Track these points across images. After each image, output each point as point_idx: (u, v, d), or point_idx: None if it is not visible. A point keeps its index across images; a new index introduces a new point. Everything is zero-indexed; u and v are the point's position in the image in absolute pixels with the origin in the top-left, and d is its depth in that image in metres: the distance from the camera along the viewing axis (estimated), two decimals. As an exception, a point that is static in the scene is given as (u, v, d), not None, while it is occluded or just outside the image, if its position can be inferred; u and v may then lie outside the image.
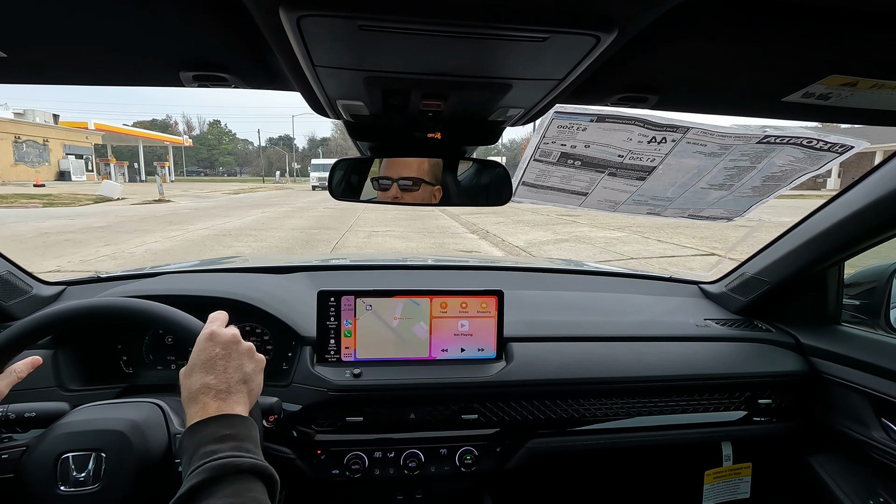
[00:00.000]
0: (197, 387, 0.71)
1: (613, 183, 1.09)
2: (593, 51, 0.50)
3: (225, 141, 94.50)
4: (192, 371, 0.73)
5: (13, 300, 1.23)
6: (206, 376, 0.72)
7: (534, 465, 1.23)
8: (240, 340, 0.79)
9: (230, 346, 0.76)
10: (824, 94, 0.71)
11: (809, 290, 1.44)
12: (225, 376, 0.73)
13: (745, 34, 0.56)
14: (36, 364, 0.84)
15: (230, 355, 0.75)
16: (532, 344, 1.28)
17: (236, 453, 0.64)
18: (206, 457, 0.63)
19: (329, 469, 1.13)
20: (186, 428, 0.68)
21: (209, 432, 0.66)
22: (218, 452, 0.63)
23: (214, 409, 0.69)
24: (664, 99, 0.76)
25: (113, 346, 1.22)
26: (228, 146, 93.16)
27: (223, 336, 0.77)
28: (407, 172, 0.99)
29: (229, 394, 0.72)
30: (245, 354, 0.78)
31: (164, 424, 0.84)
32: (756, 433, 1.32)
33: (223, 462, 0.62)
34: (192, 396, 0.71)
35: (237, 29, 0.56)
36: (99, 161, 39.35)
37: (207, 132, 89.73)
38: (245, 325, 1.26)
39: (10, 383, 0.79)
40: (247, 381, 0.76)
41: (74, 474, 0.76)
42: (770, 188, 1.12)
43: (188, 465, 0.64)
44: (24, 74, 0.73)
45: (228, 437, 0.66)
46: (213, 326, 0.79)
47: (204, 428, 0.67)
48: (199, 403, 0.70)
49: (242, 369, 0.76)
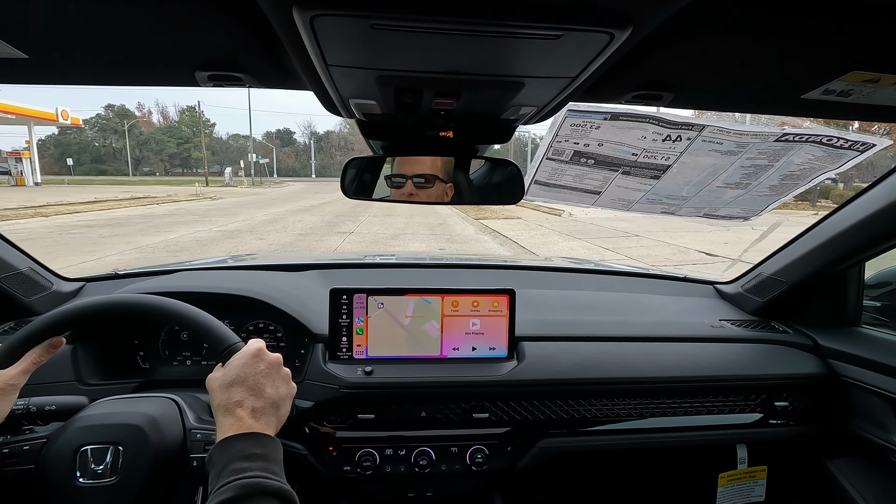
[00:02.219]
0: (235, 400, 0.73)
1: (627, 182, 1.08)
2: (607, 48, 0.50)
3: (204, 133, 72.29)
4: (231, 383, 0.75)
5: (34, 296, 1.26)
6: (247, 392, 0.74)
7: (545, 465, 1.22)
8: (281, 364, 0.81)
9: (273, 366, 0.79)
10: (845, 91, 0.70)
11: (828, 290, 1.41)
12: (263, 395, 0.75)
13: (765, 29, 0.55)
14: (58, 345, 0.83)
15: (271, 375, 0.78)
16: (544, 343, 1.28)
17: (264, 474, 0.66)
18: (235, 473, 0.64)
19: (341, 466, 1.14)
20: (218, 441, 0.70)
21: (240, 448, 0.68)
22: (247, 471, 0.65)
23: (248, 426, 0.71)
24: (679, 96, 0.75)
25: (130, 341, 1.24)
26: (204, 138, 70.30)
27: (269, 356, 0.79)
28: (421, 169, 1.00)
29: (263, 413, 0.74)
30: (283, 378, 0.80)
31: (179, 419, 0.86)
32: (772, 436, 1.30)
33: (252, 482, 0.64)
34: (228, 409, 0.72)
35: (251, 29, 0.57)
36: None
37: (180, 121, 72.75)
38: (259, 322, 1.27)
39: (25, 370, 0.78)
40: (280, 405, 0.78)
41: (93, 467, 0.78)
42: (788, 187, 1.10)
43: (217, 478, 0.65)
44: (44, 76, 0.74)
45: (258, 457, 0.67)
46: (260, 344, 0.81)
47: (236, 443, 0.68)
48: (234, 417, 0.72)
49: (278, 392, 0.78)
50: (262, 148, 74.39)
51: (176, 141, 76.20)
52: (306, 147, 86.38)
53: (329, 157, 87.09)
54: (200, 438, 0.84)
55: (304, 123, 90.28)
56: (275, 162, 70.05)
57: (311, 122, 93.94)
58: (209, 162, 68.41)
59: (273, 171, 66.68)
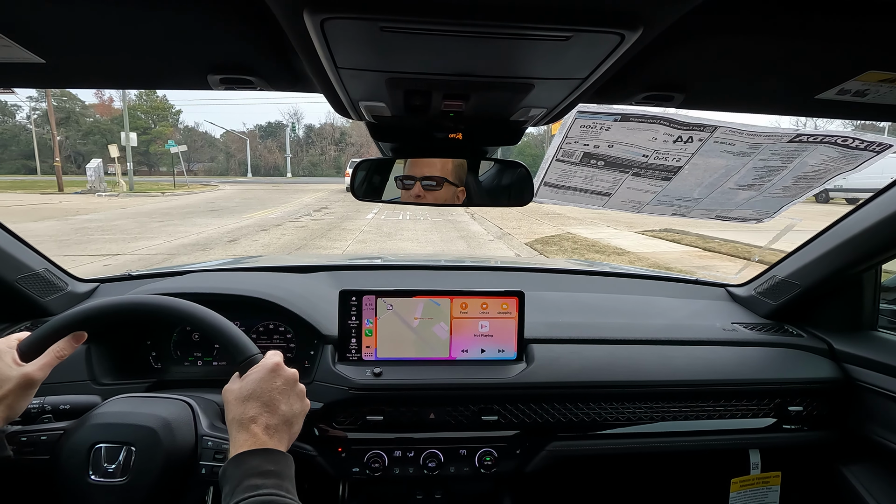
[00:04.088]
0: (250, 415, 0.74)
1: (637, 183, 1.07)
2: (617, 49, 0.50)
3: (167, 120, 57.58)
4: (247, 397, 0.75)
5: (50, 296, 1.28)
6: (262, 408, 0.75)
7: (554, 469, 1.21)
8: (297, 380, 0.82)
9: (289, 382, 0.79)
10: (861, 91, 0.69)
11: (844, 294, 1.39)
12: (278, 412, 0.76)
13: (778, 29, 0.54)
14: (81, 339, 0.85)
15: (287, 392, 0.78)
16: (553, 346, 1.27)
17: (278, 492, 0.66)
18: (249, 490, 0.65)
19: (350, 467, 1.14)
20: (233, 455, 0.70)
21: (254, 465, 0.69)
22: (261, 488, 0.66)
23: (262, 443, 0.72)
24: (691, 97, 0.74)
25: (142, 342, 1.26)
26: (164, 129, 55.25)
27: (285, 372, 0.80)
28: (430, 172, 1.00)
29: (277, 431, 0.75)
30: (298, 395, 0.81)
31: (192, 425, 0.86)
32: (786, 441, 1.28)
33: (266, 500, 0.64)
34: (243, 424, 0.73)
35: (262, 32, 0.57)
36: None
37: (136, 107, 53.46)
38: (269, 323, 1.28)
39: (48, 364, 0.79)
40: (293, 423, 0.78)
41: (105, 465, 0.79)
42: (802, 188, 1.08)
43: (231, 494, 0.66)
44: (59, 80, 0.76)
45: (272, 474, 0.68)
46: (277, 358, 0.81)
47: (250, 459, 0.69)
48: (249, 433, 0.72)
49: (292, 409, 0.78)
50: (237, 140, 59.11)
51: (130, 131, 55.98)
52: (300, 140, 65.45)
53: (321, 151, 65.83)
54: (211, 446, 0.84)
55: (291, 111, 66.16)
56: (248, 157, 56.73)
57: (297, 110, 68.10)
58: (167, 156, 50.69)
59: (247, 168, 55.63)
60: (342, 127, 64.37)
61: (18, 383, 0.75)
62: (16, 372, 0.76)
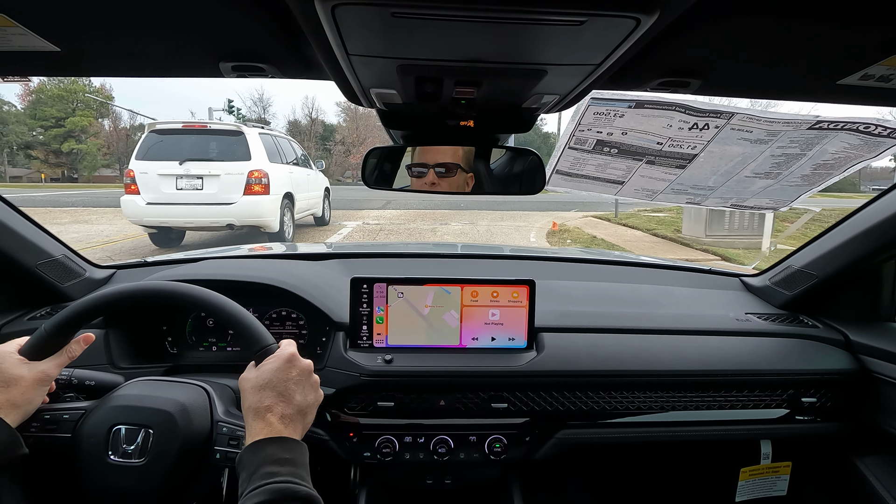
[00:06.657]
0: (266, 404, 0.75)
1: (651, 171, 1.06)
2: (632, 34, 0.49)
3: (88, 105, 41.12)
4: (263, 386, 0.77)
5: (68, 282, 1.31)
6: (278, 397, 0.76)
7: (564, 456, 1.22)
8: (312, 371, 0.83)
9: (304, 373, 0.81)
10: (885, 76, 0.67)
11: (861, 284, 1.37)
12: (293, 402, 0.77)
13: (800, 9, 0.52)
14: (89, 341, 0.89)
15: (301, 382, 0.80)
16: (564, 334, 1.27)
17: (294, 479, 0.68)
18: (265, 477, 0.67)
19: (361, 452, 1.16)
20: (249, 443, 0.72)
21: (270, 453, 0.70)
22: (277, 476, 0.67)
23: (277, 431, 0.73)
24: (707, 83, 0.72)
25: (159, 327, 1.28)
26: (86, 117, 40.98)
27: (301, 363, 0.82)
28: (443, 158, 1.00)
29: (292, 420, 0.76)
30: (312, 386, 0.82)
31: (208, 410, 0.88)
32: (798, 432, 1.27)
33: (282, 487, 0.66)
34: (259, 413, 0.75)
35: (274, 19, 0.57)
36: None
37: (40, 89, 39.62)
38: (282, 310, 1.30)
39: (60, 364, 0.83)
40: (307, 413, 0.80)
41: (124, 446, 0.81)
42: (821, 177, 1.06)
43: (247, 481, 0.68)
44: (73, 68, 0.76)
45: (287, 462, 0.70)
46: (293, 349, 0.83)
47: (266, 447, 0.71)
48: (265, 421, 0.74)
49: (307, 399, 0.80)
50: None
51: (39, 124, 40.21)
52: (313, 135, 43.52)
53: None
54: (226, 432, 0.86)
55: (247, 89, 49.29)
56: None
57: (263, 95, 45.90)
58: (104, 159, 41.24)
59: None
60: (324, 121, 46.16)
61: (34, 380, 0.78)
62: (30, 370, 0.78)
